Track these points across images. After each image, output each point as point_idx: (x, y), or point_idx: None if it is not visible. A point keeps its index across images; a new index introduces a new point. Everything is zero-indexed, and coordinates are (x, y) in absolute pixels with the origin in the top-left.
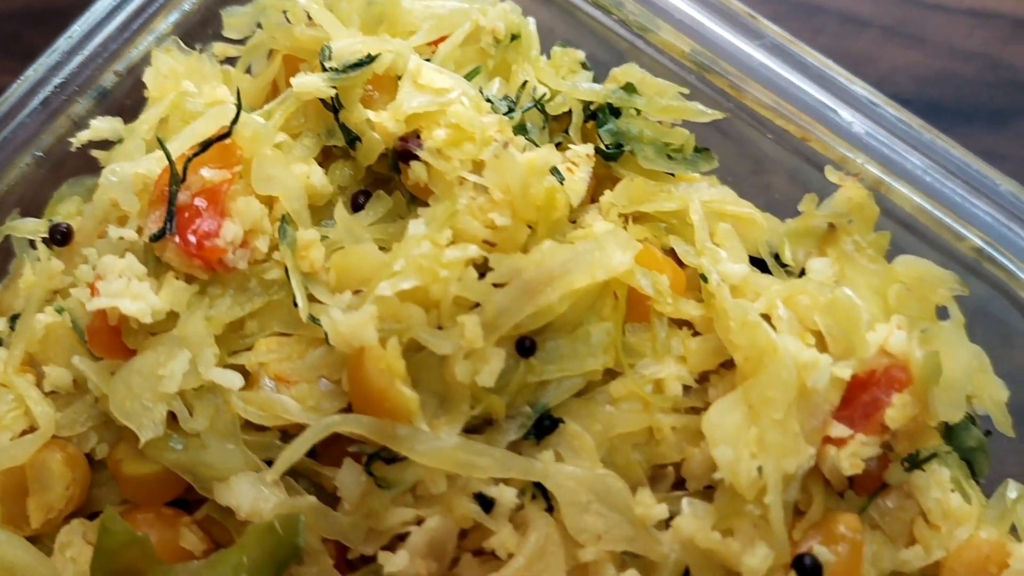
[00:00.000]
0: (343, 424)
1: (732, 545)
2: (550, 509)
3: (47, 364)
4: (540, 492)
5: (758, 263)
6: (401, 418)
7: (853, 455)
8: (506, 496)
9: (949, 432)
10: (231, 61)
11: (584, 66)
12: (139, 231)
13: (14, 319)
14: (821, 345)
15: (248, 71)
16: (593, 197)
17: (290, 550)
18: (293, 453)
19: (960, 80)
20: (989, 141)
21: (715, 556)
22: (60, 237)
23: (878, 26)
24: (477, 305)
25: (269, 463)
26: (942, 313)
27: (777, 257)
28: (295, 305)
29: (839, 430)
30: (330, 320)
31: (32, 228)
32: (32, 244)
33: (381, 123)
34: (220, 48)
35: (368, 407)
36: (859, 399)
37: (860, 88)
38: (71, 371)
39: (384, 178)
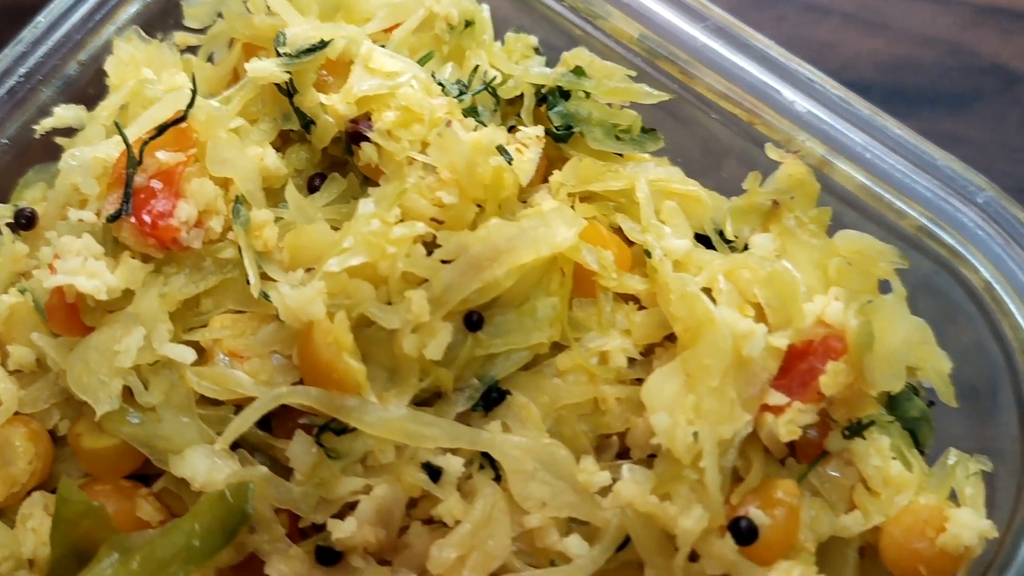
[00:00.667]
0: (291, 396)
1: (669, 509)
2: (498, 479)
3: (11, 343)
4: (488, 462)
5: (704, 240)
6: (349, 390)
7: (790, 422)
8: (453, 465)
9: (892, 402)
10: (193, 50)
11: (537, 51)
12: (98, 213)
13: None
14: (761, 317)
15: (210, 60)
16: (545, 178)
17: (240, 517)
18: (242, 423)
19: (922, 66)
20: (950, 125)
21: (653, 520)
22: (25, 221)
23: (839, 13)
24: (425, 281)
25: None
26: (886, 288)
27: (722, 234)
28: (249, 283)
29: (777, 398)
30: (279, 295)
31: None
32: None
33: (333, 106)
34: (181, 37)
35: (317, 380)
36: (796, 368)
37: (798, 66)
38: (34, 350)
39: (340, 161)
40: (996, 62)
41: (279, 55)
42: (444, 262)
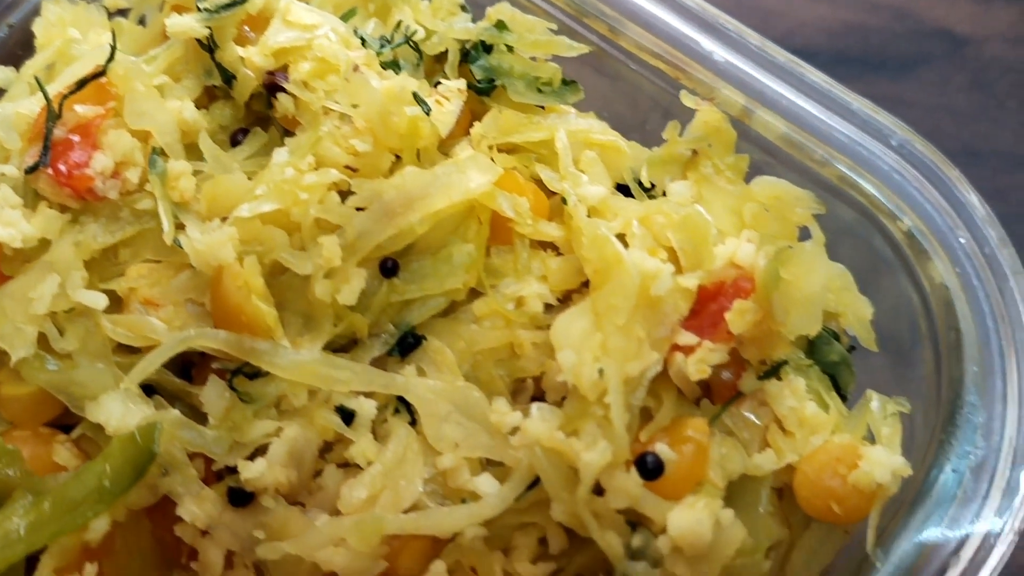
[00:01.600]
0: (199, 339)
1: (575, 444)
2: (413, 423)
3: None
4: (403, 406)
5: (624, 190)
6: (260, 333)
7: (700, 361)
8: (366, 408)
9: (811, 346)
10: (124, 13)
11: (463, 8)
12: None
13: None
14: (675, 261)
15: (142, 23)
16: (468, 132)
17: (148, 456)
18: (149, 364)
19: (868, 31)
20: (897, 89)
21: (560, 455)
22: None
23: None
24: (340, 228)
25: (145, 387)
26: (808, 237)
27: (641, 183)
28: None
29: (687, 338)
30: (188, 240)
31: None
32: None
33: (250, 58)
34: (111, 0)
35: (228, 324)
36: (707, 309)
37: (716, 16)
38: None
39: (264, 116)
40: (942, 26)
41: (199, 11)
42: (359, 210)
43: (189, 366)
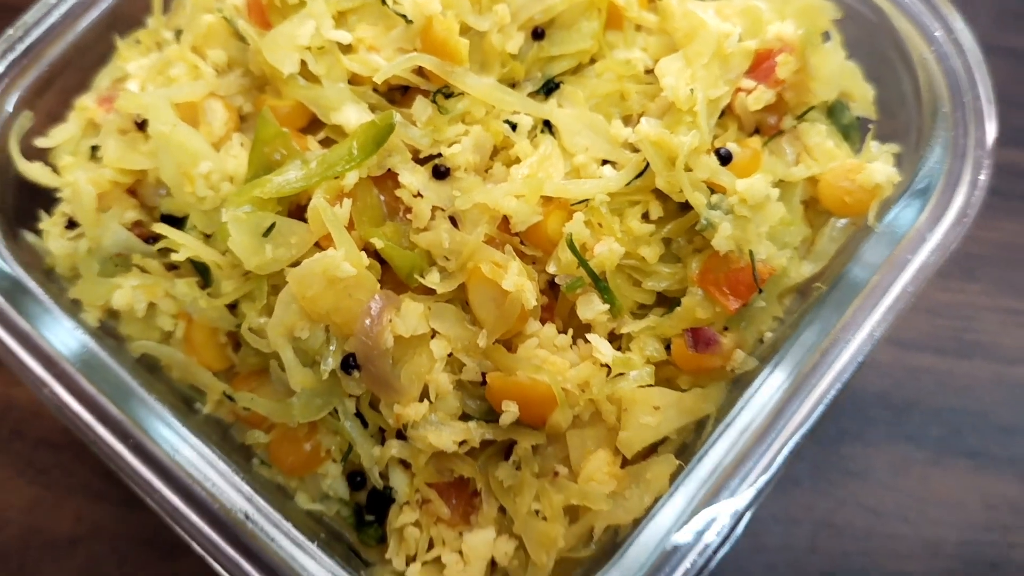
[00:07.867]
0: (419, 59)
1: (674, 136)
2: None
3: (209, 49)
4: (547, 129)
5: None
6: (457, 62)
7: (757, 98)
8: (525, 121)
9: (830, 112)
10: None
11: None
12: None
13: (178, 33)
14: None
15: None
16: None
17: (387, 129)
18: (391, 68)
19: None
20: None
21: (663, 145)
22: None
23: None
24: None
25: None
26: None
27: None
28: (383, 3)
29: (747, 84)
30: None
31: None
32: None
33: None
34: None
35: (435, 55)
36: (761, 67)
37: None
38: (226, 52)
39: None
40: None
41: None
42: None
43: (394, 104)
